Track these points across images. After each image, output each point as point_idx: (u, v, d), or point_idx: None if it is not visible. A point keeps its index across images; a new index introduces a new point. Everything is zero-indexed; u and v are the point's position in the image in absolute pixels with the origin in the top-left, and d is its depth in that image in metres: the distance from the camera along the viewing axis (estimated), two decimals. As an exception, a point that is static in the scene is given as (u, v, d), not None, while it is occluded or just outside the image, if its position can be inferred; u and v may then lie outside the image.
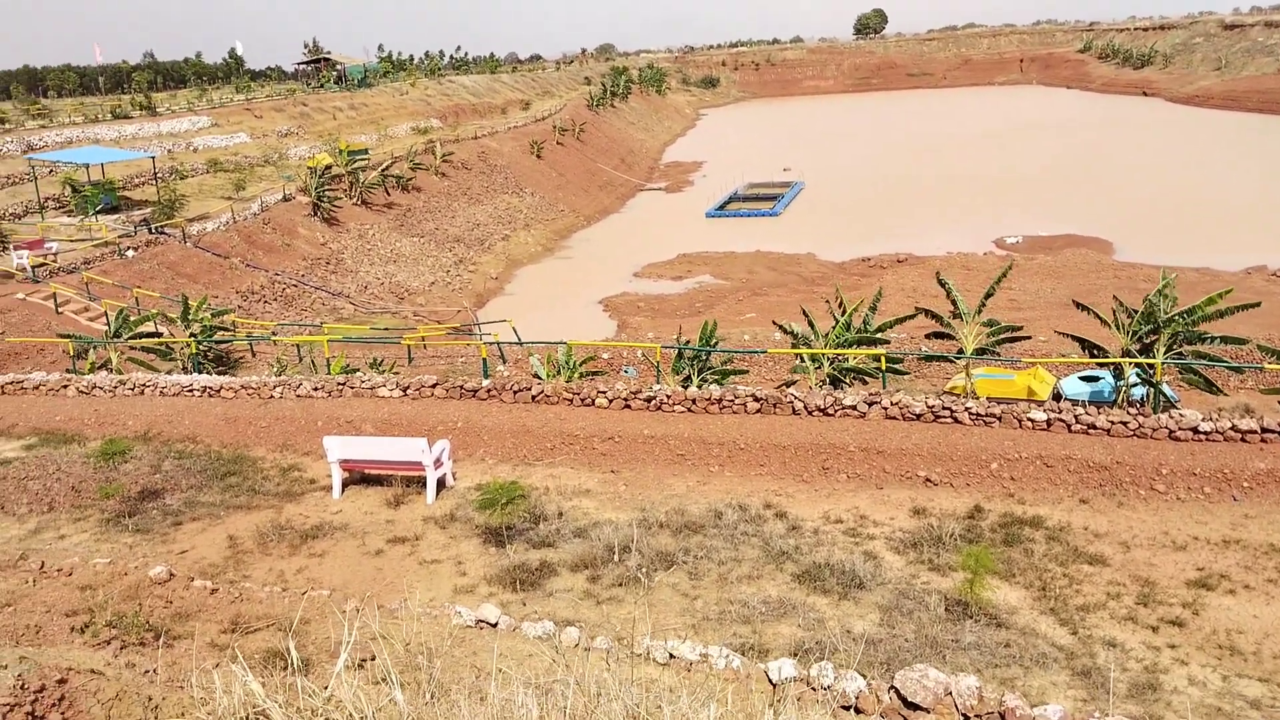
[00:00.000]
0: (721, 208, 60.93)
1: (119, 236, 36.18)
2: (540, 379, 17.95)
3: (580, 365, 19.30)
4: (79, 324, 28.16)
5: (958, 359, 17.37)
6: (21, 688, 5.63)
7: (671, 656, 8.21)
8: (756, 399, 15.23)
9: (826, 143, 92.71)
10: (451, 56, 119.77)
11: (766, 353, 22.44)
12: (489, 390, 17.01)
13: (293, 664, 4.64)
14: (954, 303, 16.62)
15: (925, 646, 9.39)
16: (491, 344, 24.60)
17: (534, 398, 16.65)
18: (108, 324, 26.10)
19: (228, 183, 47.28)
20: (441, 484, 13.78)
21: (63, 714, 5.81)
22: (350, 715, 4.03)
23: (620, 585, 10.93)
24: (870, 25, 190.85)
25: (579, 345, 20.55)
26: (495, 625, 8.96)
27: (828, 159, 79.28)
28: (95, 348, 23.74)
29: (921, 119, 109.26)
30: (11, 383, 19.58)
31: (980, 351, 16.60)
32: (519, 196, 60.32)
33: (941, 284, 16.90)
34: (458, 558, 11.79)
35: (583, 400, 16.29)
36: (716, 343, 18.21)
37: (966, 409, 14.27)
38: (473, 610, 9.28)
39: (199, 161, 51.58)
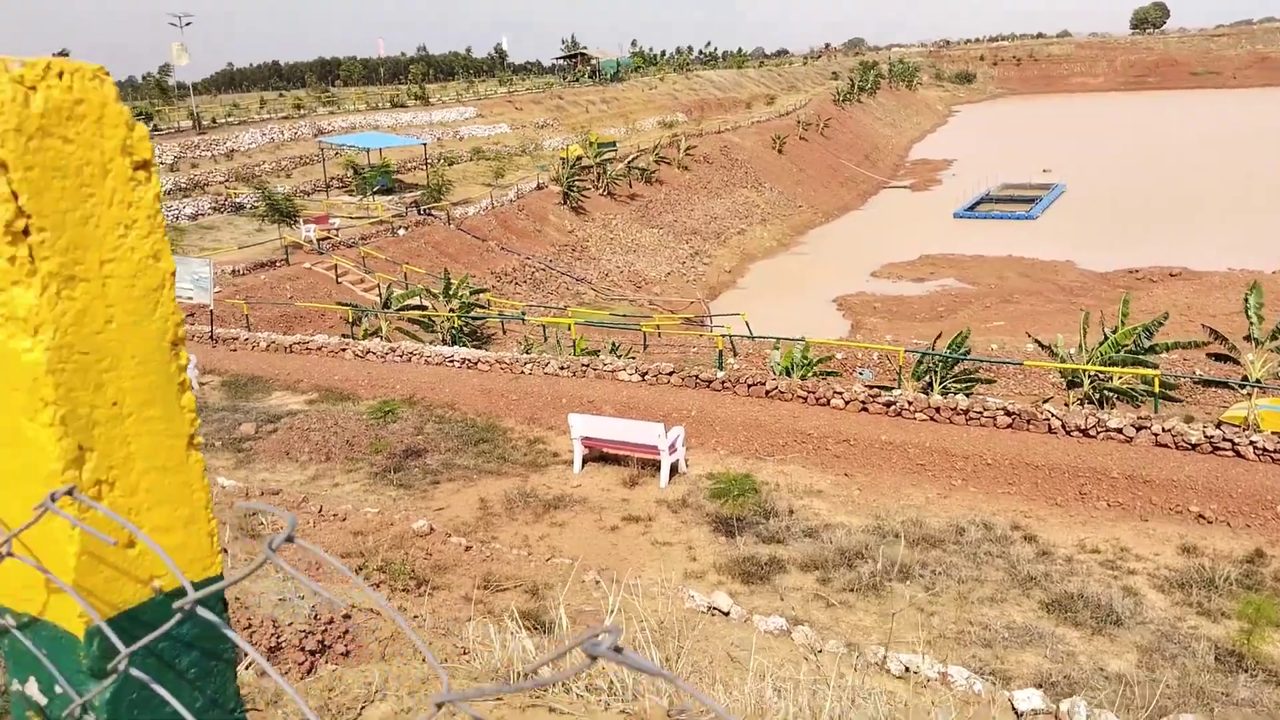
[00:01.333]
0: (971, 208, 58.08)
1: (392, 216, 39.48)
2: (774, 374, 17.89)
3: (815, 364, 19.06)
4: (355, 293, 31.00)
5: (1243, 386, 15.65)
6: (314, 618, 6.28)
7: (907, 670, 7.95)
8: (1008, 413, 14.42)
9: (1092, 144, 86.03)
10: (700, 52, 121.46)
11: (1024, 364, 21.19)
12: (723, 382, 17.14)
13: (561, 624, 4.87)
14: (1251, 324, 14.98)
15: (1190, 696, 8.56)
16: (725, 336, 24.77)
17: (767, 393, 16.61)
18: (380, 295, 28.63)
19: (488, 170, 50.42)
20: (674, 469, 14.05)
21: (346, 646, 6.40)
22: (612, 683, 4.19)
23: (851, 591, 10.72)
24: (1149, 19, 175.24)
25: (816, 343, 20.29)
26: (727, 614, 9.04)
27: (1093, 161, 73.56)
28: (369, 316, 26.09)
29: (1204, 121, 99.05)
30: (299, 343, 21.88)
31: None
32: (758, 191, 60.32)
33: (1245, 301, 15.26)
34: (688, 543, 11.98)
35: (817, 399, 16.07)
36: (967, 351, 17.39)
37: (1251, 442, 12.83)
38: (705, 596, 9.41)
39: (464, 149, 55.35)
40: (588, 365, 18.48)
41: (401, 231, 37.70)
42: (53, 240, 0.66)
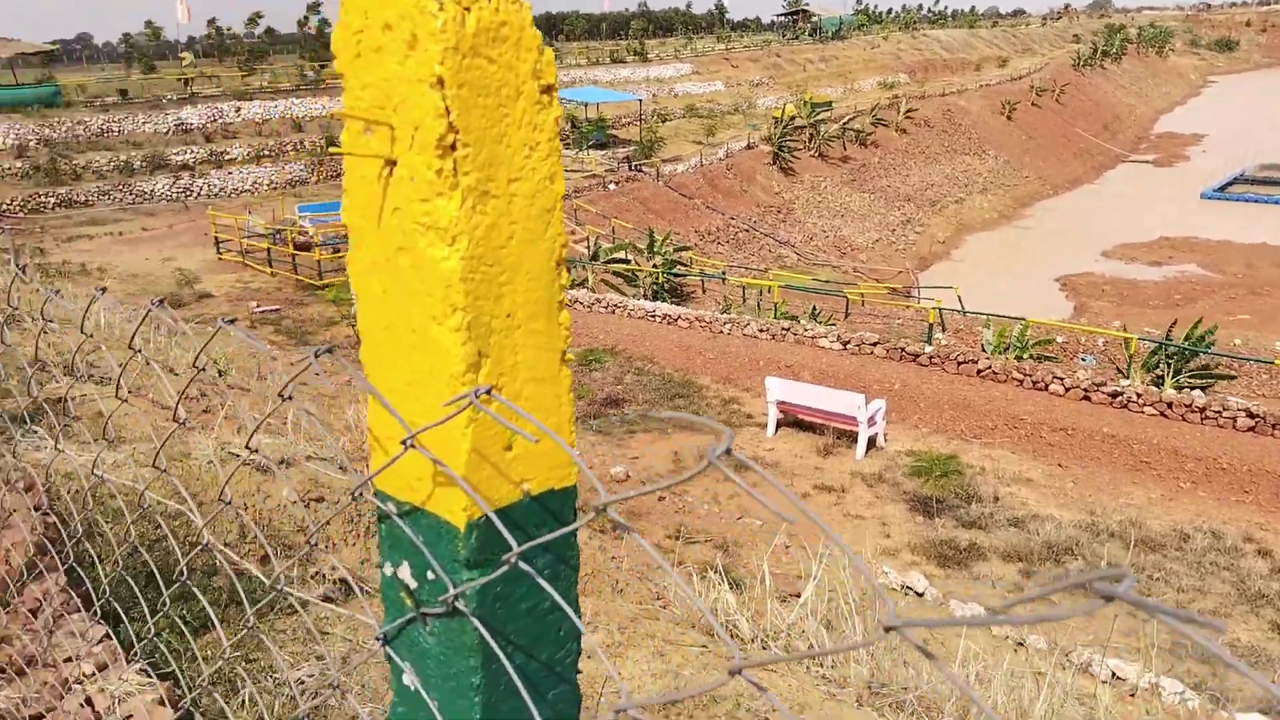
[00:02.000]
0: (1222, 189, 52.66)
1: (604, 170, 40.32)
2: (987, 353, 17.04)
3: (1032, 345, 18.01)
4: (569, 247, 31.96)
5: None
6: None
7: (1115, 676, 7.49)
8: (1251, 414, 13.11)
9: (1380, 121, 75.70)
10: (929, 10, 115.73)
11: (1275, 364, 19.10)
12: (931, 357, 16.52)
13: (766, 586, 4.90)
14: None
15: None
16: (935, 309, 23.80)
17: (979, 372, 15.86)
18: (588, 247, 29.40)
19: (700, 128, 50.42)
20: (872, 442, 13.72)
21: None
22: (811, 645, 4.19)
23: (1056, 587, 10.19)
24: None
25: (1036, 324, 19.15)
26: (921, 595, 8.80)
27: (1378, 141, 64.78)
28: (577, 266, 26.87)
29: None
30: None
31: None
32: (980, 159, 57.21)
33: None
34: (882, 518, 11.71)
35: (1034, 383, 15.19)
36: (1210, 344, 15.91)
37: None
38: (899, 575, 9.19)
39: (678, 106, 55.57)
40: (788, 329, 18.28)
41: (612, 186, 38.45)
42: (473, 156, 0.70)
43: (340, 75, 0.75)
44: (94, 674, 2.73)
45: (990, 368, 15.70)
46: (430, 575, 0.79)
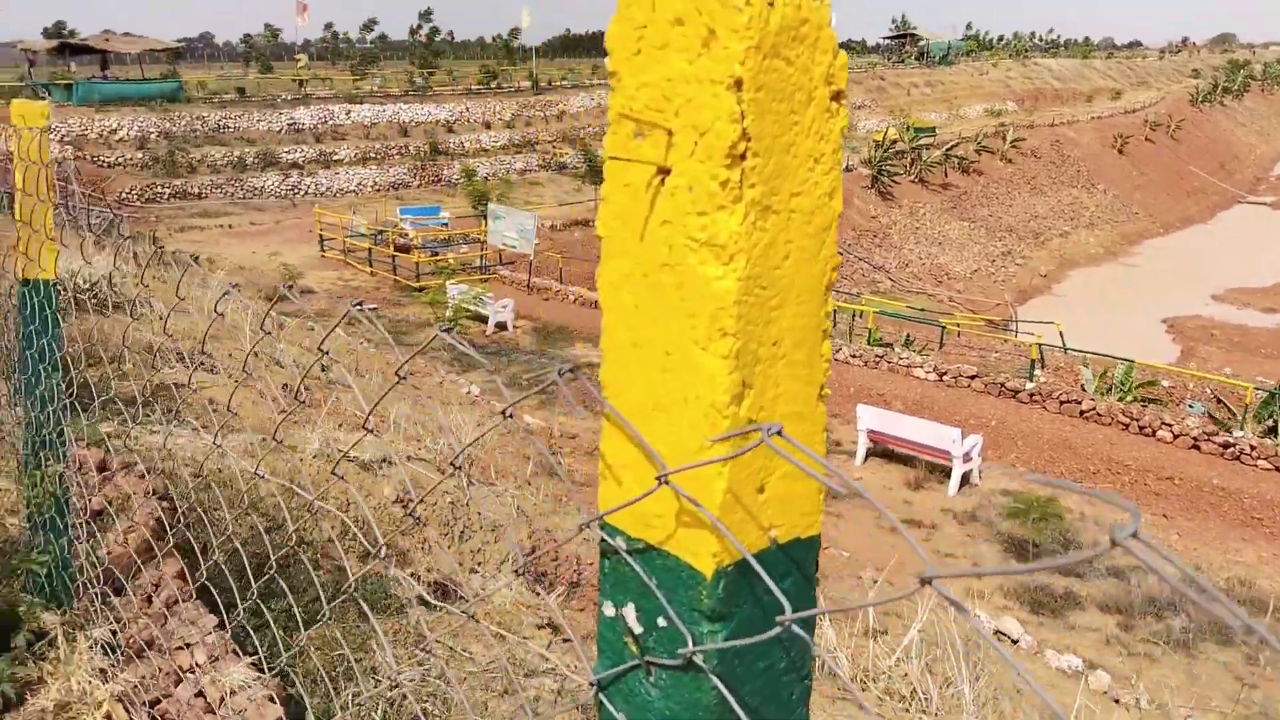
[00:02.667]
0: (1348, 236, 49.95)
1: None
2: (1089, 393, 16.41)
3: (1135, 388, 17.28)
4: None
5: None
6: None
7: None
8: (1380, 477, 12.32)
9: None
10: (1041, 38, 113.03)
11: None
12: (1031, 394, 15.99)
13: (864, 622, 4.74)
14: None
15: None
16: (1037, 345, 23.05)
17: (1082, 413, 15.28)
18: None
19: (797, 147, 49.96)
20: (965, 479, 13.31)
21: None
22: (914, 691, 4.03)
23: (1156, 643, 9.69)
24: None
25: (1142, 366, 18.38)
26: (1015, 641, 8.46)
27: None
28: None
29: None
30: (604, 299, 22.99)
31: None
32: (1088, 192, 55.46)
33: None
34: (974, 559, 11.34)
35: (1140, 428, 14.56)
36: (1334, 397, 15.05)
37: None
38: (991, 619, 8.87)
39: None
40: (881, 357, 17.92)
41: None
42: (760, 167, 0.63)
43: (612, 74, 0.69)
44: (205, 664, 2.75)
45: (1094, 409, 15.11)
46: (662, 622, 0.72)
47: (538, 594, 5.59)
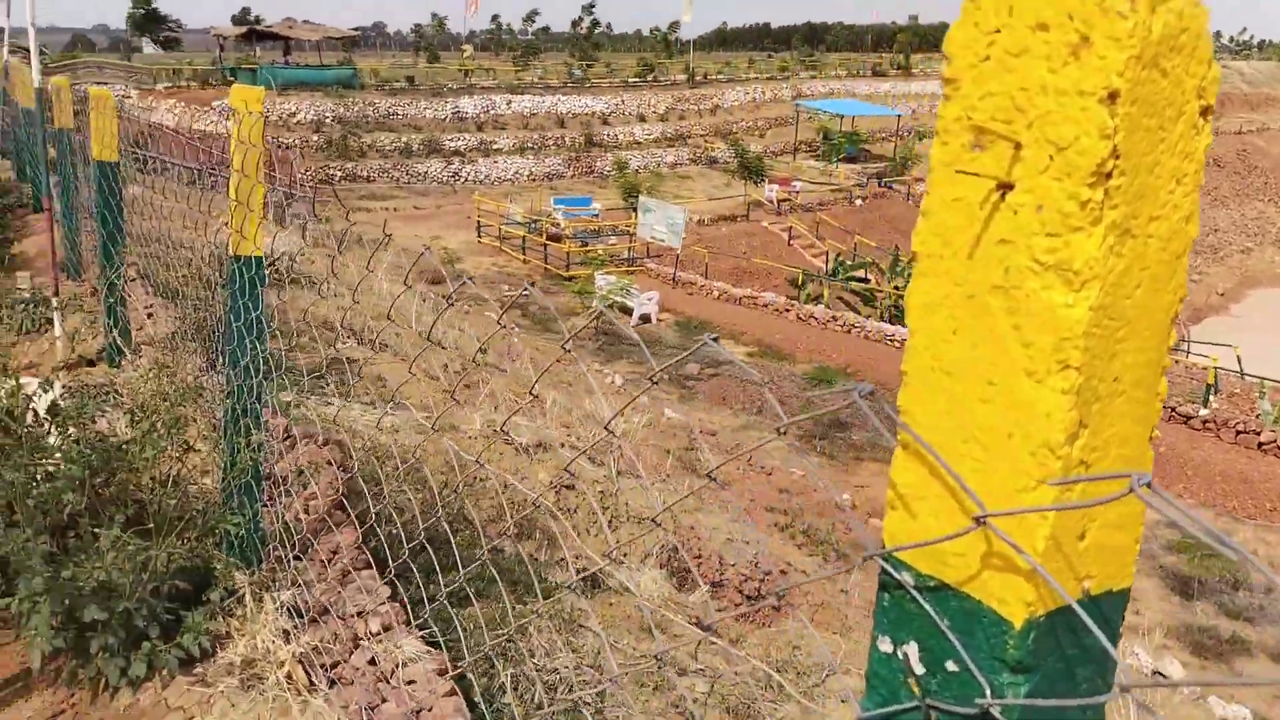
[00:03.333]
0: None
1: (852, 185, 39.47)
2: (1269, 425, 15.19)
3: (1328, 422, 15.88)
4: (804, 258, 31.58)
5: None
6: (755, 565, 6.50)
7: None
8: None
9: None
10: (1232, 38, 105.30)
11: None
12: (1205, 421, 14.93)
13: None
14: None
15: None
16: (1213, 368, 21.51)
17: (1261, 445, 14.16)
18: (827, 262, 28.90)
19: (957, 149, 48.24)
20: (1127, 506, 12.54)
21: (778, 601, 6.52)
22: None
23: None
24: None
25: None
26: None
27: None
28: (814, 281, 26.45)
29: None
30: (748, 297, 22.82)
31: None
32: (1276, 206, 51.31)
33: None
34: (1134, 593, 10.68)
35: (1330, 466, 13.37)
36: None
37: None
38: (1151, 659, 8.34)
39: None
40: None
41: (859, 202, 37.59)
42: (1125, 186, 0.58)
43: (949, 81, 0.64)
44: (379, 633, 2.86)
45: (1275, 441, 13.97)
46: (951, 666, 0.68)
47: (679, 589, 5.59)
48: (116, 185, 5.19)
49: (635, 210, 26.80)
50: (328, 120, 37.43)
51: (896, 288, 26.10)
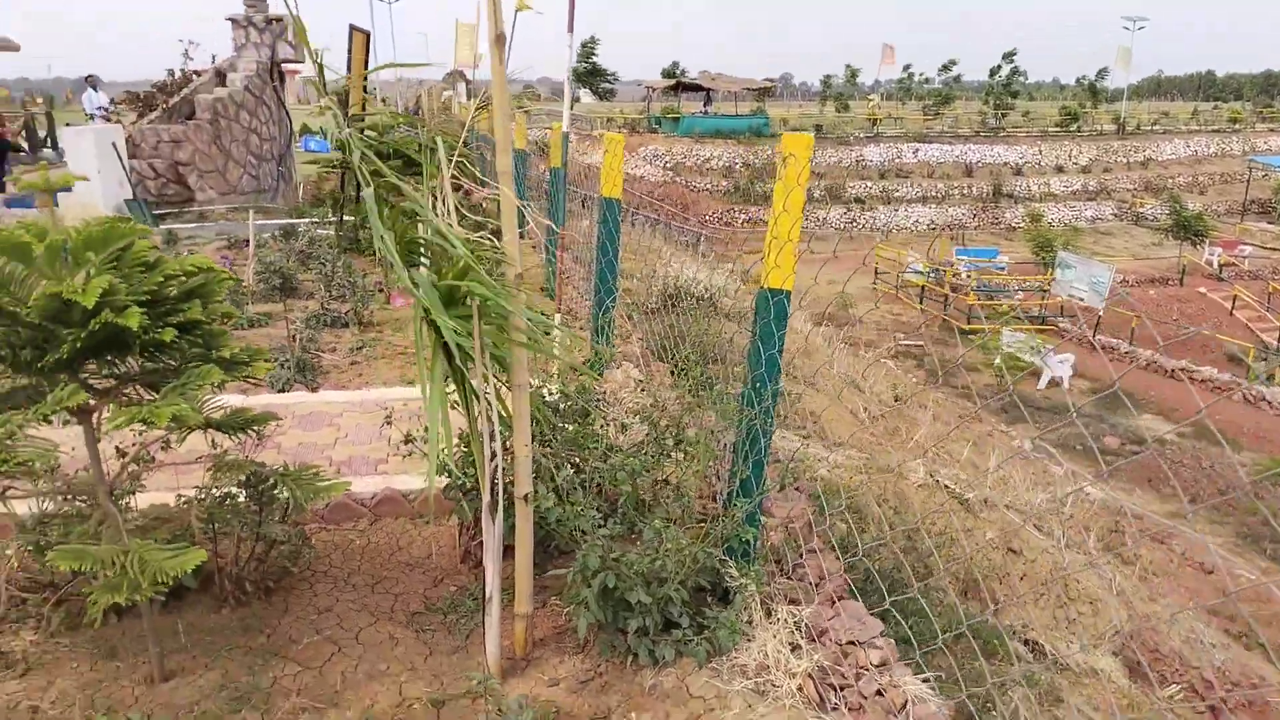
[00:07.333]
0: None
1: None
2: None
3: None
4: (1248, 331, 27.51)
5: None
6: (1222, 672, 5.71)
7: None
8: None
9: None
10: None
11: None
12: None
13: None
14: None
15: None
16: None
17: None
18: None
19: None
20: None
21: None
22: None
23: None
24: None
25: None
26: None
27: None
28: (1265, 358, 22.91)
29: None
30: (1182, 369, 20.31)
31: None
32: None
33: None
34: None
35: None
36: None
37: None
38: None
39: None
40: None
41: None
42: None
43: None
44: (879, 665, 2.89)
45: None
46: None
47: (1135, 684, 5.07)
48: (618, 219, 5.84)
49: (1047, 265, 25.02)
50: (737, 166, 39.35)
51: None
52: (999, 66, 52.75)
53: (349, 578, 3.83)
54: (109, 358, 2.92)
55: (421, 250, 2.80)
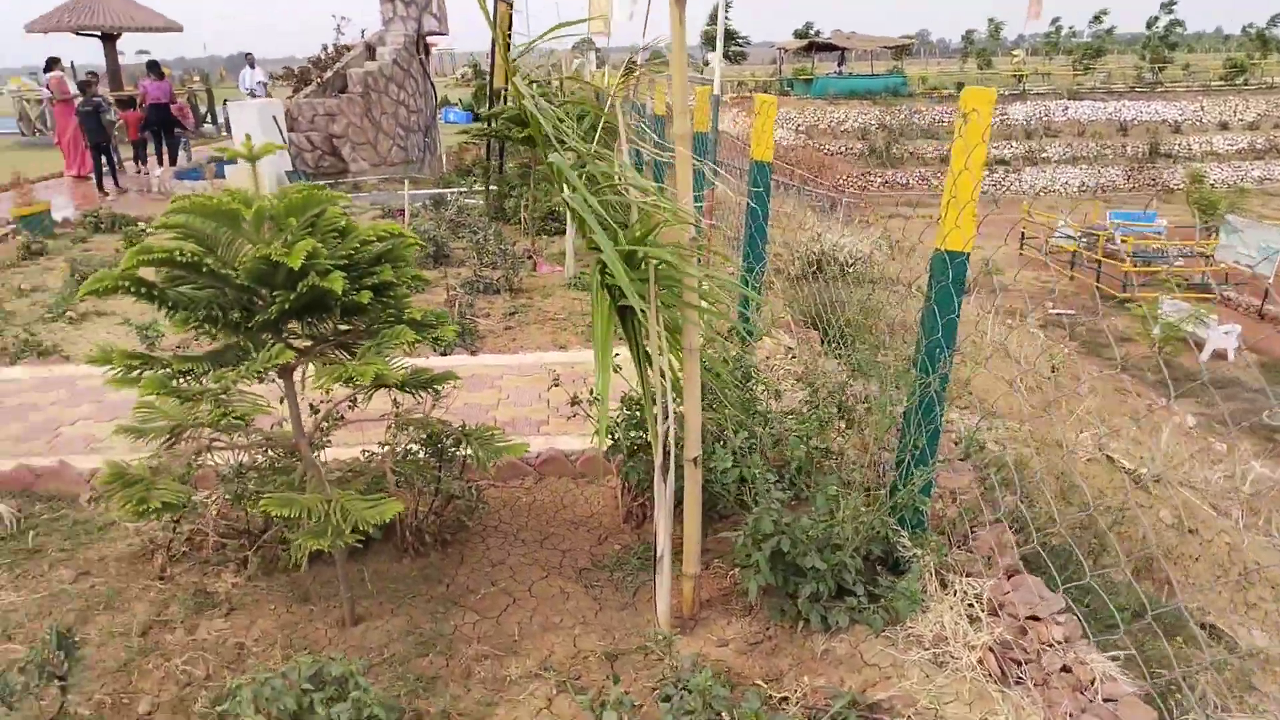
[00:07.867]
0: None
1: None
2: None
3: None
4: None
5: None
6: None
7: None
8: None
9: None
10: None
11: None
12: None
13: None
14: None
15: None
16: None
17: None
18: None
19: None
20: None
21: None
22: None
23: None
24: None
25: None
26: None
27: None
28: None
29: None
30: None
31: None
32: None
33: None
34: None
35: None
36: None
37: None
38: None
39: None
40: None
41: None
42: None
43: None
44: (1063, 642, 2.80)
45: None
46: None
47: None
48: (769, 183, 5.77)
49: (1211, 230, 23.38)
50: (873, 128, 38.21)
51: None
52: (1156, 17, 49.22)
53: (518, 533, 3.97)
54: (308, 319, 3.10)
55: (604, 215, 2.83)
